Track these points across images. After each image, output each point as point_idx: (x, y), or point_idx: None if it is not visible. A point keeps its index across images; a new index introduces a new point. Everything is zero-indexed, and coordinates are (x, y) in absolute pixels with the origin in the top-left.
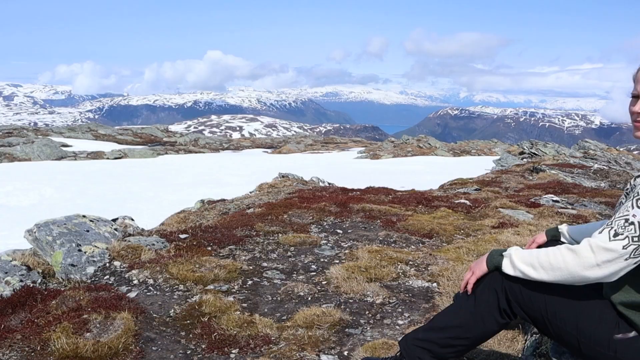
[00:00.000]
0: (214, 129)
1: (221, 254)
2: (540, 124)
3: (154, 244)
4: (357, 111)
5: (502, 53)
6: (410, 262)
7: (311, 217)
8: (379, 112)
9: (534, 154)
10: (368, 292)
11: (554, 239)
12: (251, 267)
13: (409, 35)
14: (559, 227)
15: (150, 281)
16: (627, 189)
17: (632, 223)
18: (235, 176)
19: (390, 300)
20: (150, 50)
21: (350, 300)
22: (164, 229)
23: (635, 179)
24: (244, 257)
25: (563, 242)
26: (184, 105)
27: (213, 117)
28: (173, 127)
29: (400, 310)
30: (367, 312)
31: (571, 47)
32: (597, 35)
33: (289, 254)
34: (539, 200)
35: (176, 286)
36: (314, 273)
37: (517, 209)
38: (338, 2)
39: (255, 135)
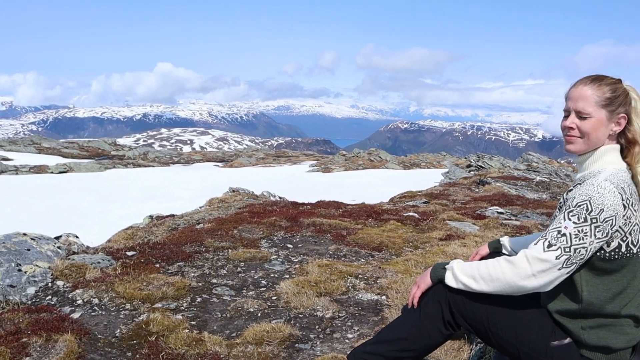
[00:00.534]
0: (164, 143)
1: (170, 271)
2: (487, 137)
3: (99, 262)
4: (308, 125)
5: (450, 68)
6: (360, 276)
7: (261, 232)
8: (330, 125)
9: (481, 166)
10: (318, 307)
11: (496, 251)
12: (200, 284)
13: (360, 50)
14: (501, 239)
15: (95, 301)
16: (561, 203)
17: (564, 234)
18: (185, 190)
19: (340, 314)
20: (98, 62)
21: (300, 315)
22: (110, 246)
23: (567, 193)
24: (193, 274)
25: (505, 254)
26: (133, 118)
27: (163, 130)
28: (121, 141)
29: (349, 324)
30: (317, 327)
31: (515, 63)
32: (539, 53)
33: (239, 269)
34: (485, 212)
35: (122, 305)
36: (264, 288)
37: (464, 221)
38: (290, 16)
39: (206, 148)
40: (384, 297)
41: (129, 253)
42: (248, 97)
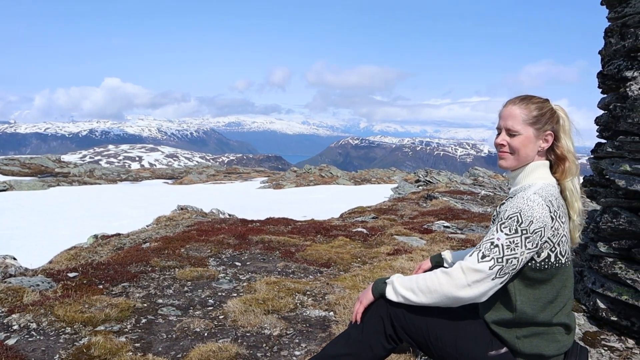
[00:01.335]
0: (112, 159)
1: (113, 292)
2: (436, 152)
3: (38, 285)
4: (260, 141)
5: (399, 85)
6: (308, 292)
7: (209, 250)
8: (282, 141)
9: (429, 181)
10: (265, 325)
11: (438, 265)
12: (145, 305)
13: (311, 66)
14: (442, 253)
15: (33, 325)
16: (494, 215)
17: (497, 246)
18: (132, 209)
19: (288, 332)
20: (42, 75)
21: (248, 334)
22: (51, 267)
23: (500, 206)
24: (138, 295)
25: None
26: (78, 134)
27: (110, 146)
28: (66, 157)
29: (297, 341)
30: (264, 345)
31: (461, 81)
32: (484, 71)
33: (186, 289)
34: (432, 227)
35: (63, 329)
36: (211, 308)
37: (411, 235)
38: (240, 32)
39: (155, 165)
40: (331, 313)
41: (71, 274)
42: (198, 113)
